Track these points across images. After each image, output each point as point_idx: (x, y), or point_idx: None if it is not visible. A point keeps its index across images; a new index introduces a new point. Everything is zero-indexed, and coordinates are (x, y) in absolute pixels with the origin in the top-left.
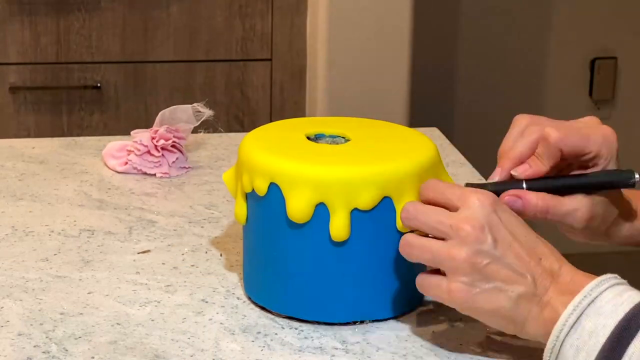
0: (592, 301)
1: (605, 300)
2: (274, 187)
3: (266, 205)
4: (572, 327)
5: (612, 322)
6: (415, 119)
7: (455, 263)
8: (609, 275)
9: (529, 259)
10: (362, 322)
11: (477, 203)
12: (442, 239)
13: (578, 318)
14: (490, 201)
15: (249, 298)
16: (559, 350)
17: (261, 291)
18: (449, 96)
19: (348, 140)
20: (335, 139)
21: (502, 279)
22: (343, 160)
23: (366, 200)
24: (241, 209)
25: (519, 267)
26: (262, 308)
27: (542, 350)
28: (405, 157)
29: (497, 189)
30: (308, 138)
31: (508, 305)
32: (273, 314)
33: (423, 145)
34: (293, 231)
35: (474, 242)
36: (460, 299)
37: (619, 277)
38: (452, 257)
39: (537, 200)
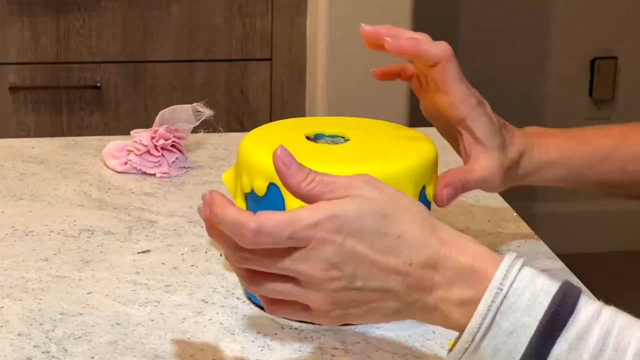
0: (505, 297)
1: (519, 294)
2: (273, 187)
3: (265, 205)
4: (488, 328)
5: (533, 321)
6: (415, 119)
7: (316, 305)
8: (511, 257)
9: (396, 271)
10: None
11: (320, 239)
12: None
13: (493, 318)
14: (332, 228)
15: (249, 298)
16: (475, 350)
17: None
18: None
19: (348, 140)
20: (334, 139)
21: (371, 301)
22: (342, 160)
23: None
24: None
25: (387, 283)
26: (262, 308)
27: None
28: (405, 157)
29: None
30: (307, 138)
31: (387, 319)
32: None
33: (423, 145)
34: None
35: (329, 283)
36: (334, 323)
37: (517, 254)
38: (311, 300)
39: (462, 180)
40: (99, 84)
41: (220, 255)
